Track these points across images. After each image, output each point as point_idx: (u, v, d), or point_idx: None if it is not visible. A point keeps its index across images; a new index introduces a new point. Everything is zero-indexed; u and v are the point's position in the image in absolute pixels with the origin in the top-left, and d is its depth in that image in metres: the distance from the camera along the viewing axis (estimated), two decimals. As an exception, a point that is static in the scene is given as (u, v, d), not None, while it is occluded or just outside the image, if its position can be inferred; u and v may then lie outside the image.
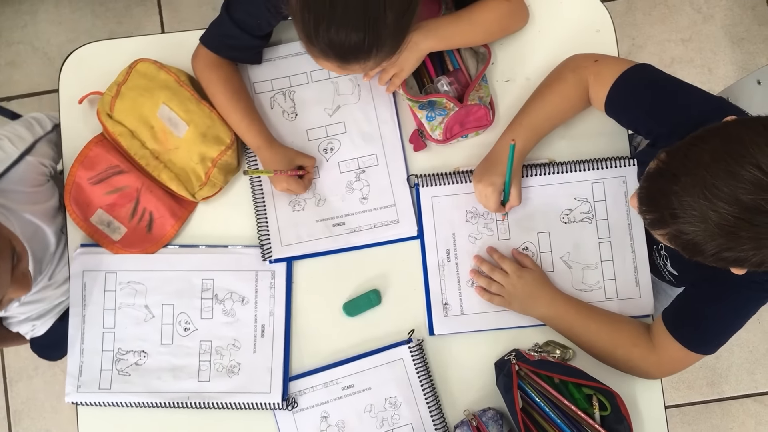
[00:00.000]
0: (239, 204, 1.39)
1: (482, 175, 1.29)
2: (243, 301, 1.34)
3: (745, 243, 0.90)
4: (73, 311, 1.36)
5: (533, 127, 1.28)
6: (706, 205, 0.90)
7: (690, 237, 0.93)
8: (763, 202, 0.87)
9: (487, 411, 1.29)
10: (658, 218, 0.97)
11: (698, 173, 0.91)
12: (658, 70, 1.22)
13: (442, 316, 1.34)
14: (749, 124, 0.92)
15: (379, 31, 1.06)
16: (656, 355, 1.24)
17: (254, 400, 1.31)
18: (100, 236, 1.36)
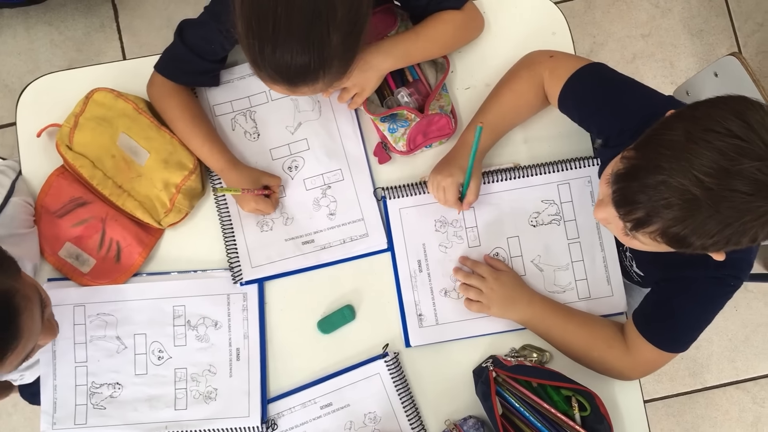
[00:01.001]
0: (207, 228, 1.38)
1: (440, 169, 1.29)
2: (216, 326, 1.33)
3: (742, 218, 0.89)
4: (44, 349, 1.33)
5: (491, 124, 1.28)
6: (695, 182, 0.88)
7: (679, 228, 0.92)
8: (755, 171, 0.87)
9: (468, 419, 1.29)
10: (644, 216, 0.94)
11: (680, 156, 0.89)
12: (611, 69, 1.23)
13: (417, 327, 1.33)
14: (710, 101, 0.93)
15: (324, 53, 1.06)
16: (630, 356, 1.24)
17: (233, 425, 1.30)
18: (69, 269, 1.35)
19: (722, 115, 0.89)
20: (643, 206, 0.94)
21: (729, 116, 0.89)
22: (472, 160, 1.22)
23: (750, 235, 0.91)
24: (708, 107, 0.93)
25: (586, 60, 1.26)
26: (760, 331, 2.30)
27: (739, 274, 1.13)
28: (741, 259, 1.13)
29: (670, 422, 2.27)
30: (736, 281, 1.14)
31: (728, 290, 1.14)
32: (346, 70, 1.14)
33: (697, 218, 0.90)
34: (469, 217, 1.35)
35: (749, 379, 2.29)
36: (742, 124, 0.88)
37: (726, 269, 1.11)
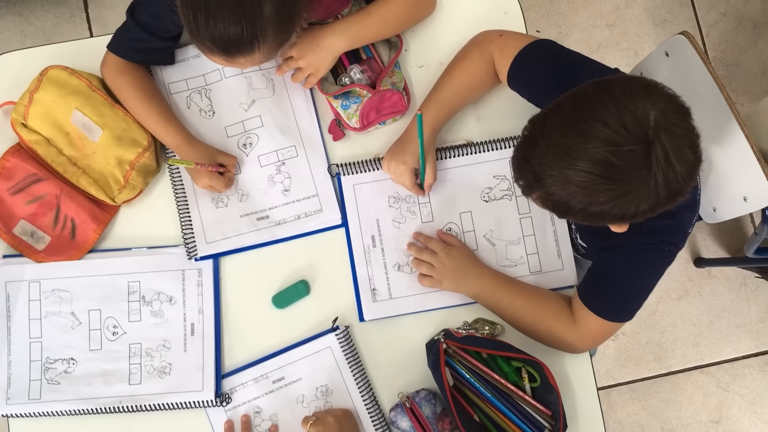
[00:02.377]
0: (162, 206, 1.39)
1: (393, 155, 1.31)
2: (171, 301, 1.34)
3: (602, 196, 0.94)
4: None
5: (443, 103, 1.30)
6: (561, 164, 0.94)
7: (556, 198, 0.98)
8: (610, 155, 0.91)
9: (420, 392, 1.30)
10: (526, 184, 1.01)
11: (552, 135, 0.95)
12: (558, 45, 1.26)
13: (371, 301, 1.35)
14: (599, 84, 0.97)
15: (256, 23, 1.07)
16: (577, 328, 1.26)
17: (187, 399, 1.31)
18: (24, 247, 1.35)
19: (600, 99, 0.93)
20: (524, 176, 1.01)
21: (604, 98, 0.93)
22: (422, 148, 1.25)
23: (616, 211, 0.96)
24: (590, 87, 0.97)
25: (533, 37, 1.28)
26: (724, 316, 2.33)
27: (673, 239, 1.16)
28: (673, 225, 1.15)
29: (635, 406, 2.30)
30: (671, 247, 1.16)
31: (664, 256, 1.17)
32: (283, 41, 1.15)
33: (566, 191, 0.96)
34: (422, 192, 1.37)
35: (713, 363, 2.32)
36: (613, 110, 0.91)
37: (658, 235, 1.13)
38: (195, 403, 1.31)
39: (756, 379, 2.31)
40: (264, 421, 1.32)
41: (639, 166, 0.91)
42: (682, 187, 0.95)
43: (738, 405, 2.30)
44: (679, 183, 0.94)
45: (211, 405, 1.31)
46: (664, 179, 0.92)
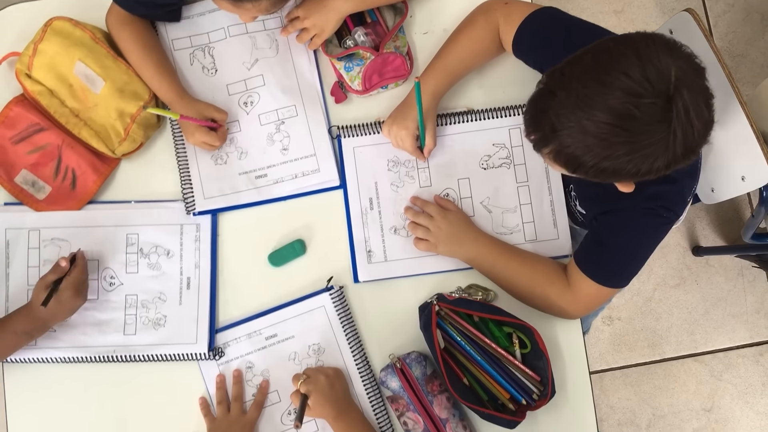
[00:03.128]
0: (163, 161, 1.40)
1: (394, 120, 1.32)
2: (168, 255, 1.35)
3: (619, 149, 0.94)
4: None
5: (446, 69, 1.31)
6: (581, 115, 0.94)
7: (570, 150, 0.97)
8: (631, 107, 0.91)
9: (411, 354, 1.31)
10: (540, 137, 1.01)
11: (572, 86, 0.95)
12: (562, 12, 1.26)
13: (366, 263, 1.36)
14: (620, 38, 0.97)
15: None
16: (571, 293, 1.27)
17: (180, 351, 1.32)
18: (25, 196, 1.36)
19: (622, 52, 0.93)
20: (540, 128, 1.00)
21: (626, 51, 0.93)
22: (421, 115, 1.25)
23: (631, 167, 0.96)
24: (610, 42, 0.97)
25: (538, 5, 1.28)
26: (720, 305, 2.34)
27: (671, 206, 1.16)
28: (672, 191, 1.16)
29: (627, 392, 2.30)
30: (669, 213, 1.16)
31: (661, 222, 1.17)
32: None
33: (583, 144, 0.95)
34: (421, 157, 1.38)
35: (707, 352, 2.33)
36: (636, 62, 0.91)
37: (658, 201, 1.14)
38: (188, 356, 1.32)
39: (749, 369, 2.31)
40: (255, 377, 1.33)
41: (659, 119, 0.91)
42: (697, 144, 0.95)
43: (730, 394, 2.30)
44: (695, 140, 0.94)
45: (204, 358, 1.32)
46: (682, 135, 0.92)
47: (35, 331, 1.28)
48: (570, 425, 1.33)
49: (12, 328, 1.26)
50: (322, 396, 1.23)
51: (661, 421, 2.30)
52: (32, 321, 1.26)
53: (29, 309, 1.27)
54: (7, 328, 1.26)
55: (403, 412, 1.29)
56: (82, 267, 1.29)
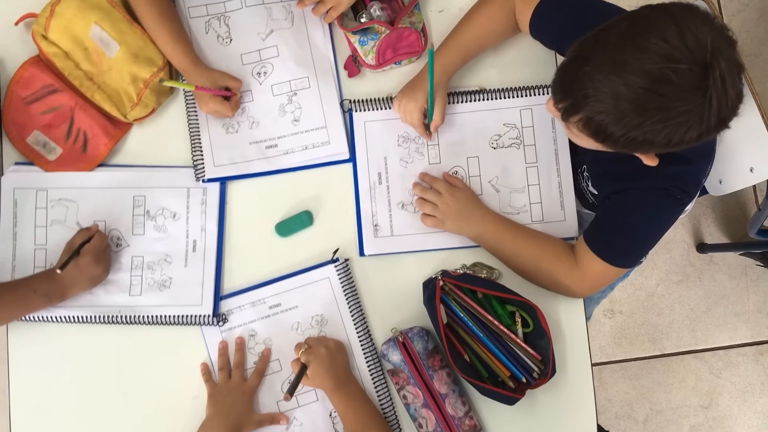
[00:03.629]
0: (174, 127, 1.40)
1: (405, 93, 1.33)
2: (174, 217, 1.35)
3: (653, 116, 0.93)
4: (4, 229, 1.36)
5: (460, 46, 1.31)
6: (615, 80, 0.92)
7: (601, 118, 0.96)
8: (669, 72, 0.90)
9: (414, 328, 1.31)
10: (571, 103, 0.99)
11: (607, 51, 0.94)
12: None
13: (373, 237, 1.36)
14: (657, 5, 0.96)
15: None
16: (579, 271, 1.27)
17: (185, 312, 1.32)
18: (36, 156, 1.37)
19: (659, 18, 0.93)
20: (571, 95, 0.99)
21: (664, 18, 0.92)
22: (431, 87, 1.25)
23: (662, 137, 0.95)
24: (649, 10, 0.96)
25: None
26: (722, 303, 2.34)
27: (686, 187, 1.16)
28: (687, 172, 1.15)
29: (626, 385, 2.31)
30: (684, 195, 1.16)
31: (675, 203, 1.17)
32: None
33: (616, 110, 0.94)
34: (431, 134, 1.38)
35: (707, 349, 2.33)
36: (674, 29, 0.90)
37: (673, 181, 1.14)
38: (193, 318, 1.32)
39: (749, 368, 2.31)
40: (257, 345, 1.33)
41: (696, 86, 0.90)
42: (729, 115, 0.94)
43: (729, 392, 2.31)
44: (729, 110, 0.93)
45: (208, 322, 1.32)
46: (717, 104, 0.91)
47: (53, 295, 1.28)
48: (569, 405, 1.33)
49: (32, 287, 1.27)
50: (321, 367, 1.23)
51: (659, 416, 2.30)
52: (52, 284, 1.27)
53: (51, 271, 1.29)
54: (27, 287, 1.27)
55: (403, 385, 1.29)
56: (103, 235, 1.31)
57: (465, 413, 1.28)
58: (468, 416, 1.29)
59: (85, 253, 1.27)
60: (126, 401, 1.34)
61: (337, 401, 1.25)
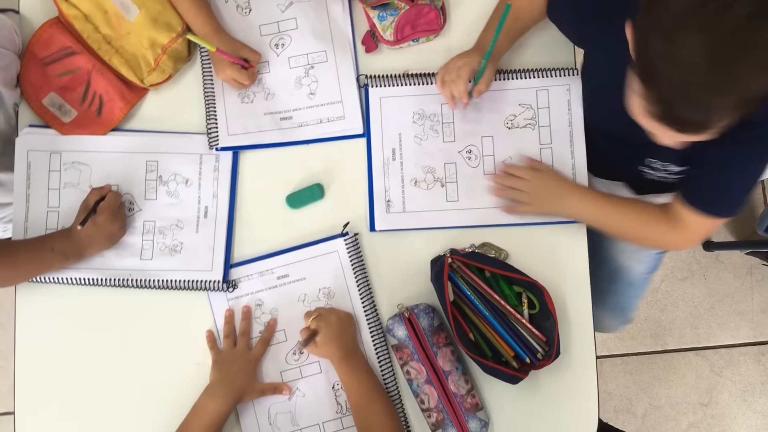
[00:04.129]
0: (189, 95, 1.40)
1: (459, 55, 1.30)
2: (187, 183, 1.36)
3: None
4: (18, 190, 1.36)
5: (506, 28, 1.28)
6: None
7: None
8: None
9: (420, 305, 1.31)
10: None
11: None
12: None
13: (384, 212, 1.36)
14: None
15: None
16: (681, 229, 1.24)
17: (195, 278, 1.33)
18: (51, 118, 1.37)
19: None
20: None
21: None
22: (495, 39, 1.21)
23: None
24: None
25: None
26: (726, 302, 2.34)
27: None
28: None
29: (626, 379, 2.31)
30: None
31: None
32: None
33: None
34: (447, 113, 1.38)
35: (709, 347, 2.33)
36: None
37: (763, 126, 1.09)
38: (203, 284, 1.33)
39: (750, 367, 2.31)
40: (264, 314, 1.34)
41: None
42: None
43: (729, 391, 2.31)
44: None
45: (218, 287, 1.33)
46: None
47: (71, 253, 1.29)
48: (571, 388, 1.34)
49: (50, 245, 1.28)
50: (330, 335, 1.24)
51: (658, 411, 2.30)
52: (70, 242, 1.28)
53: (69, 230, 1.30)
54: (45, 245, 1.28)
55: (406, 361, 1.29)
56: (117, 193, 1.33)
57: (467, 391, 1.29)
58: (470, 394, 1.29)
59: (101, 210, 1.28)
60: (130, 365, 1.35)
61: (343, 371, 1.26)
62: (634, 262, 1.59)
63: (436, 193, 1.37)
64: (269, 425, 1.30)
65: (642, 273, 1.60)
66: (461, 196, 1.37)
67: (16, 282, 1.32)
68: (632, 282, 1.61)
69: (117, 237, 1.32)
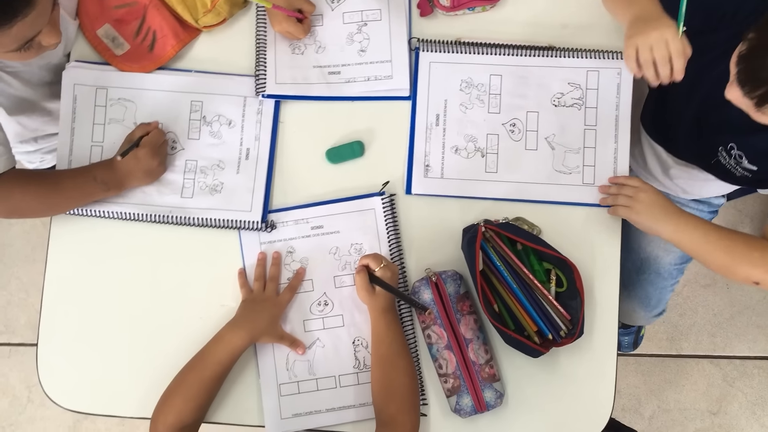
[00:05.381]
0: (241, 41, 1.41)
1: (642, 27, 1.15)
2: (230, 125, 1.37)
3: None
4: (63, 123, 1.38)
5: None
6: None
7: None
8: None
9: (448, 271, 1.32)
10: (766, 92, 0.99)
11: None
12: None
13: (422, 176, 1.37)
14: None
15: None
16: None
17: (234, 217, 1.34)
18: (104, 49, 1.39)
19: None
20: (763, 84, 0.98)
21: None
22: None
23: None
24: None
25: None
26: (746, 313, 2.32)
27: None
28: None
29: (637, 379, 2.30)
30: None
31: None
32: None
33: None
34: (495, 83, 1.38)
35: (724, 356, 2.31)
36: None
37: None
38: (241, 223, 1.34)
39: (763, 381, 2.29)
40: (294, 262, 1.35)
41: None
42: None
43: (739, 402, 2.29)
44: None
45: (256, 227, 1.34)
46: None
47: (111, 184, 1.31)
48: (589, 371, 1.33)
49: (92, 174, 1.30)
50: (387, 281, 1.25)
51: (665, 415, 2.29)
52: (111, 172, 1.30)
53: (111, 161, 1.32)
54: (87, 173, 1.30)
55: (429, 324, 1.30)
56: (161, 131, 1.34)
57: (486, 361, 1.29)
58: (488, 364, 1.29)
59: (143, 145, 1.29)
60: (156, 302, 1.37)
61: (382, 323, 1.26)
62: (662, 252, 1.58)
63: (476, 162, 1.37)
64: (286, 370, 1.31)
65: (671, 263, 1.59)
66: (500, 168, 1.37)
67: (61, 210, 1.34)
68: (661, 272, 1.61)
69: (155, 173, 1.33)
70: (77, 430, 2.27)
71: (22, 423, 2.28)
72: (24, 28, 1.03)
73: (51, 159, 1.63)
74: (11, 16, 0.99)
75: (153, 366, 1.33)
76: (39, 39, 1.09)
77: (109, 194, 1.32)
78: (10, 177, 1.24)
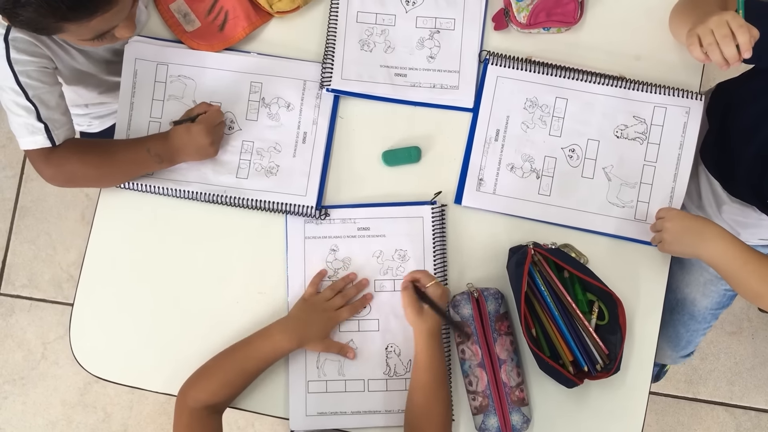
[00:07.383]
0: (312, 31, 1.40)
1: (703, 19, 1.11)
2: (288, 108, 1.36)
3: None
4: (123, 97, 1.38)
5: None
6: None
7: None
8: None
9: (490, 289, 1.31)
10: None
11: None
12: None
13: (474, 189, 1.35)
14: None
15: None
16: None
17: (289, 201, 1.34)
18: (174, 24, 1.38)
19: None
20: None
21: None
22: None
23: None
24: None
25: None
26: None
27: None
28: None
29: (650, 418, 2.28)
30: None
31: None
32: None
33: None
34: (559, 106, 1.36)
35: (741, 406, 2.29)
36: None
37: None
38: (296, 207, 1.33)
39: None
40: (336, 260, 1.34)
41: None
42: None
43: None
44: None
45: (310, 213, 1.34)
46: None
47: (165, 156, 1.30)
48: (619, 409, 1.32)
49: (146, 145, 1.30)
50: (437, 299, 1.24)
51: (673, 456, 2.28)
52: (165, 145, 1.30)
53: (165, 133, 1.32)
54: (141, 145, 1.30)
55: (464, 340, 1.29)
56: (220, 112, 1.33)
57: (517, 384, 1.28)
58: (519, 388, 1.28)
59: (199, 121, 1.29)
60: (193, 280, 1.36)
61: (429, 347, 1.23)
62: (699, 295, 1.56)
63: (530, 183, 1.36)
64: (316, 368, 1.31)
65: (707, 308, 1.57)
66: (554, 192, 1.35)
67: (115, 181, 1.34)
68: (695, 316, 1.59)
69: (207, 152, 1.32)
70: (87, 392, 2.28)
71: (33, 378, 2.29)
72: (102, 23, 1.05)
73: (98, 124, 1.63)
74: (92, 11, 1.01)
75: (183, 344, 1.33)
76: (114, 32, 1.11)
77: (162, 166, 1.32)
78: (69, 146, 1.25)
